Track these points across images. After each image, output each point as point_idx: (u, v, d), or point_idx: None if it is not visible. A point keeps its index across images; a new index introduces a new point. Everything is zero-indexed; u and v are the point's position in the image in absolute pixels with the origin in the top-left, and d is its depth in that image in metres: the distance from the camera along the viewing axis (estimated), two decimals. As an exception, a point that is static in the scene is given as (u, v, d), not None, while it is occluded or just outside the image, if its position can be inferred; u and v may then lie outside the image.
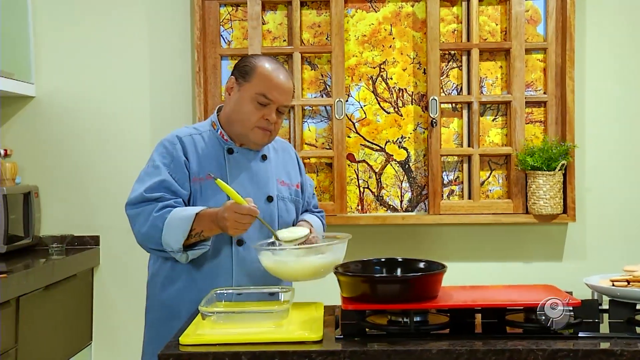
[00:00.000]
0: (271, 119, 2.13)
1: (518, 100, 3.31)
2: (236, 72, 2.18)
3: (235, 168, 2.17)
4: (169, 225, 2.02)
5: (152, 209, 2.06)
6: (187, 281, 2.13)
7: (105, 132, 3.37)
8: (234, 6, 3.38)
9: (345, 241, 2.04)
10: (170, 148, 2.15)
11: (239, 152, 2.19)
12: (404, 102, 3.39)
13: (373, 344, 1.60)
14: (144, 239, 2.09)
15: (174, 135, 2.18)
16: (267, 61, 2.17)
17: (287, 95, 2.16)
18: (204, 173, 2.12)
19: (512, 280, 3.23)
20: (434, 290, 1.74)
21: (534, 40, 3.36)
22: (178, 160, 2.13)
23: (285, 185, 2.28)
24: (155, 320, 2.19)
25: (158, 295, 2.18)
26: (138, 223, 2.09)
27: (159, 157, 2.15)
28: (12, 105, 3.37)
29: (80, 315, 3.26)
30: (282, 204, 2.24)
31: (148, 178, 2.12)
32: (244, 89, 2.14)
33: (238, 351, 1.55)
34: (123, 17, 3.37)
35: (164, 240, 2.03)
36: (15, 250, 3.09)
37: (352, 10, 3.38)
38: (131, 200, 2.11)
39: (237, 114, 2.15)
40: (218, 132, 2.20)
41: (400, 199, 3.40)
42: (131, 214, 2.11)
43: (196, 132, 2.20)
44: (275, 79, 2.13)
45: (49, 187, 3.37)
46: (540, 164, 3.19)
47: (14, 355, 2.61)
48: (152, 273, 2.21)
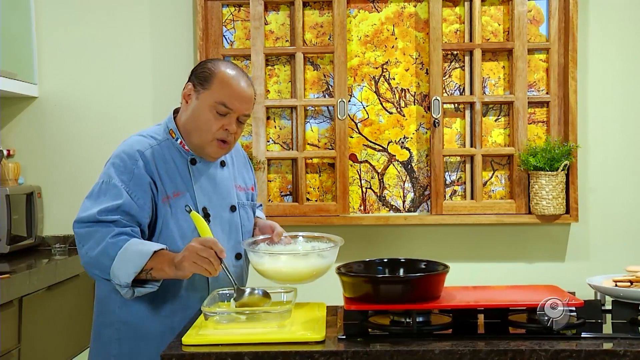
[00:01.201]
0: (231, 129, 1.98)
1: (520, 100, 3.30)
2: (194, 77, 2.01)
3: (199, 180, 2.03)
4: (122, 257, 1.83)
5: (106, 233, 1.86)
6: (155, 301, 1.96)
7: (108, 133, 3.37)
8: (237, 6, 3.38)
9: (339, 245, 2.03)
10: (130, 164, 1.94)
11: (201, 161, 2.04)
12: (406, 102, 3.39)
13: (375, 344, 1.60)
14: (91, 263, 1.89)
15: (134, 150, 1.96)
16: (227, 67, 2.01)
17: (248, 104, 2.00)
18: (172, 190, 1.97)
19: (514, 281, 3.23)
20: (437, 291, 1.74)
21: (537, 41, 3.35)
22: (140, 180, 1.93)
23: (242, 190, 2.17)
24: (113, 339, 2.00)
25: (117, 314, 1.99)
26: (87, 245, 1.88)
27: (117, 173, 1.94)
28: (15, 105, 3.37)
29: (82, 315, 3.26)
30: (243, 211, 2.14)
31: (104, 198, 1.92)
32: (202, 96, 1.98)
33: (241, 351, 1.55)
34: (126, 17, 3.38)
35: (113, 271, 1.84)
36: (18, 251, 3.09)
37: (355, 11, 3.38)
38: (82, 218, 1.90)
39: (195, 123, 1.99)
40: (178, 142, 2.03)
41: (403, 200, 3.40)
42: (80, 232, 1.90)
43: (155, 143, 2.00)
44: (235, 87, 1.97)
45: (51, 188, 3.38)
46: (543, 164, 3.18)
47: (17, 355, 2.62)
48: (108, 290, 2.00)
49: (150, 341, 1.94)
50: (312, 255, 1.98)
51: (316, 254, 1.99)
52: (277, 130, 3.40)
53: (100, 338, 2.04)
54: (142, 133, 2.06)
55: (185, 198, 2.00)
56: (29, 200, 3.17)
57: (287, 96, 3.38)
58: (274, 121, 3.40)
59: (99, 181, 1.97)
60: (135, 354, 1.97)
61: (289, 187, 3.40)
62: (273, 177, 3.40)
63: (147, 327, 1.97)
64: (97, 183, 1.97)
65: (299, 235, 2.15)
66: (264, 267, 1.97)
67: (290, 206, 3.34)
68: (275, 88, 3.38)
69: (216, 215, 2.04)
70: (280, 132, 3.39)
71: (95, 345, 2.06)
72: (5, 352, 2.54)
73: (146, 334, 1.96)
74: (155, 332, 1.95)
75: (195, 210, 1.96)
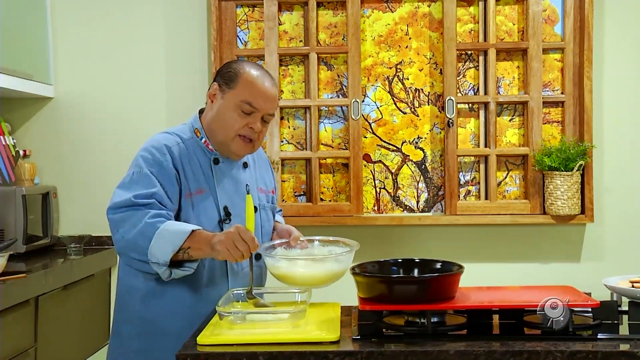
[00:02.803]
0: (255, 128, 2.02)
1: (535, 100, 3.29)
2: (219, 78, 2.06)
3: (221, 179, 2.07)
4: (160, 236, 1.86)
5: (143, 215, 1.89)
6: (175, 297, 1.99)
7: (122, 133, 3.39)
8: (251, 7, 3.39)
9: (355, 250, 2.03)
10: (159, 157, 1.99)
11: (224, 162, 2.08)
12: (420, 102, 3.38)
13: (390, 344, 1.60)
14: (127, 246, 1.92)
15: (161, 144, 2.01)
16: (252, 67, 2.06)
17: (272, 103, 2.04)
18: (195, 187, 2.01)
19: (529, 281, 3.21)
20: (451, 291, 1.74)
21: (552, 40, 3.34)
22: (168, 172, 1.98)
23: (263, 192, 2.20)
24: (133, 334, 2.03)
25: (137, 310, 2.02)
26: (123, 228, 1.91)
27: (146, 165, 1.98)
28: (31, 106, 3.40)
29: (98, 314, 3.28)
30: (263, 213, 2.17)
31: (137, 186, 1.95)
32: (227, 96, 2.02)
33: (255, 351, 1.55)
34: (140, 18, 3.39)
35: (151, 251, 1.87)
36: (34, 250, 3.12)
37: (369, 11, 3.38)
38: (116, 204, 1.94)
39: (220, 122, 2.03)
40: (202, 141, 2.07)
41: (417, 200, 3.40)
42: (115, 218, 1.93)
43: (180, 141, 2.05)
44: (260, 86, 2.02)
45: (67, 188, 3.40)
46: (558, 165, 3.17)
47: (34, 354, 2.64)
48: (128, 287, 2.04)
49: (170, 337, 1.95)
50: (329, 259, 1.99)
51: (333, 258, 1.99)
52: (290, 130, 3.40)
53: (120, 334, 2.07)
54: (168, 131, 2.11)
55: (207, 197, 2.02)
56: (44, 200, 3.19)
57: (301, 96, 3.39)
58: (288, 121, 3.40)
59: (130, 172, 2.01)
60: (154, 349, 1.98)
61: (303, 187, 3.41)
62: (287, 177, 3.40)
63: (167, 323, 1.99)
64: (127, 174, 2.01)
65: (315, 239, 2.16)
66: (280, 272, 1.98)
67: (304, 206, 3.34)
68: (289, 88, 3.39)
69: (237, 215, 2.06)
70: (294, 132, 3.40)
71: (115, 341, 2.09)
72: (22, 351, 2.56)
73: (165, 330, 1.98)
74: (174, 328, 1.96)
75: (217, 211, 1.99)
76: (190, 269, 1.93)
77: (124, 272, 2.08)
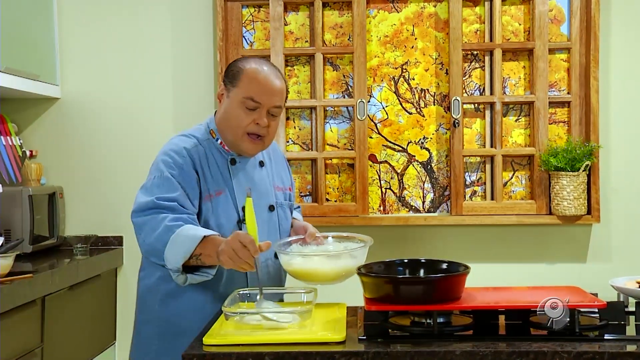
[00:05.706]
0: (262, 123, 2.01)
1: (541, 100, 3.28)
2: (225, 77, 2.08)
3: (239, 179, 2.07)
4: (174, 241, 1.87)
5: (162, 219, 1.89)
6: (194, 297, 2.01)
7: (129, 133, 3.40)
8: (256, 7, 3.39)
9: (369, 245, 2.04)
10: (179, 160, 1.99)
11: (240, 161, 2.09)
12: (426, 102, 3.38)
13: (396, 345, 1.60)
14: (148, 251, 1.94)
15: (180, 147, 2.02)
16: (256, 62, 2.05)
17: (276, 96, 2.03)
18: (214, 189, 2.02)
19: (535, 282, 3.20)
20: (457, 292, 1.74)
21: (558, 40, 3.33)
22: (189, 176, 1.98)
23: (280, 190, 2.20)
24: (153, 335, 2.05)
25: (157, 311, 2.04)
26: (144, 232, 1.93)
27: (167, 168, 1.98)
28: (38, 106, 3.41)
29: (104, 314, 3.29)
30: (281, 211, 2.17)
31: (158, 190, 1.95)
32: (232, 94, 2.03)
33: (261, 352, 1.55)
34: (146, 19, 3.40)
35: (166, 255, 1.88)
36: (40, 251, 3.12)
37: (374, 11, 3.38)
38: (140, 206, 1.95)
39: (228, 121, 2.04)
40: (218, 142, 2.08)
41: (423, 200, 3.39)
42: (138, 222, 1.94)
43: (198, 143, 2.06)
44: (262, 80, 2.01)
45: (73, 188, 3.41)
46: (564, 165, 3.16)
47: (40, 354, 2.65)
48: (148, 287, 2.07)
49: (190, 337, 1.94)
50: (344, 255, 1.99)
51: (348, 254, 1.99)
52: (296, 130, 3.40)
53: (141, 334, 2.09)
54: (185, 133, 2.11)
55: (226, 197, 2.03)
56: (51, 200, 3.20)
57: (307, 97, 3.39)
58: (294, 121, 3.40)
59: (150, 176, 2.01)
60: (175, 350, 1.98)
61: (309, 187, 3.41)
62: (292, 177, 3.39)
63: (187, 323, 2.00)
64: (148, 178, 2.01)
65: (329, 235, 2.16)
66: (294, 268, 1.98)
67: (309, 206, 3.34)
68: (295, 88, 3.39)
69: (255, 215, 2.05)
70: (299, 133, 3.40)
71: (136, 342, 2.11)
72: (29, 351, 2.57)
73: (186, 331, 1.98)
74: (194, 328, 1.95)
75: (236, 211, 2.00)
76: (208, 275, 1.92)
77: (145, 273, 2.10)
